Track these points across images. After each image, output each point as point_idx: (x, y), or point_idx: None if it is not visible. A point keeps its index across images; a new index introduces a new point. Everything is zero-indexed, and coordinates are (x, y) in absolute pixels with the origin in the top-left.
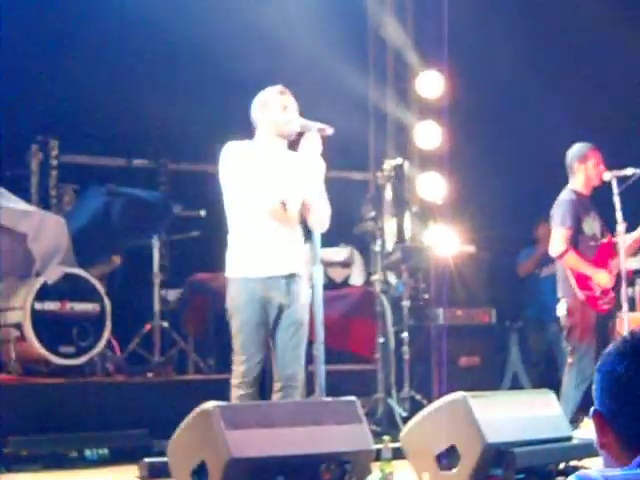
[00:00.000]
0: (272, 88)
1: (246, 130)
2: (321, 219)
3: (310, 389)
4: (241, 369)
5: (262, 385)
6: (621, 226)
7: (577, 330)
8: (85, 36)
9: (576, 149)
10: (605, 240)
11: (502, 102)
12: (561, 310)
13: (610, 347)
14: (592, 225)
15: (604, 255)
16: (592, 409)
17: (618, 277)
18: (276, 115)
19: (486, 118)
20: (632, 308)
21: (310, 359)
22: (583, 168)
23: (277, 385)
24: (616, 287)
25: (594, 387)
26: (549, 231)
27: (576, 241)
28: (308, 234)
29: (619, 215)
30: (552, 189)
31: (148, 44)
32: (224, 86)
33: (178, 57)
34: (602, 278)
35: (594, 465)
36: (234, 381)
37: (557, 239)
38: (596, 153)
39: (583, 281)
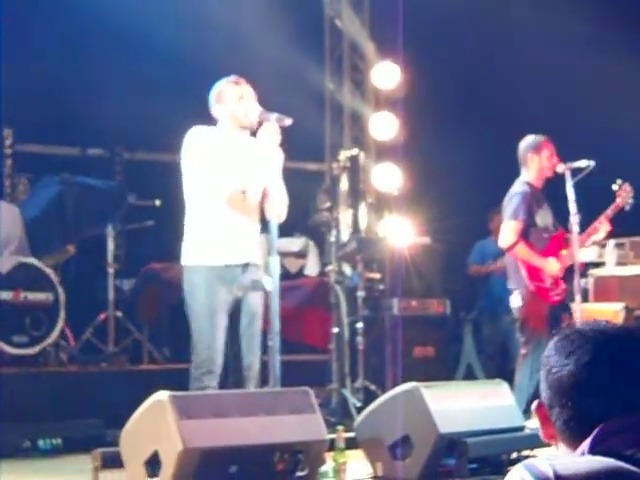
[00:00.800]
0: (226, 79)
1: (202, 120)
2: (279, 209)
3: (264, 379)
4: (198, 359)
5: (220, 375)
6: (575, 218)
7: (530, 321)
8: (40, 24)
9: (530, 140)
10: (556, 232)
11: (457, 93)
12: (514, 302)
13: (552, 342)
14: (544, 217)
15: (555, 247)
16: (536, 402)
17: (570, 269)
18: (233, 106)
19: (441, 109)
20: (585, 299)
21: (265, 349)
22: (537, 159)
23: (232, 375)
24: (568, 278)
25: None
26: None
27: (527, 233)
28: (265, 224)
29: (573, 207)
30: (507, 181)
31: (104, 33)
32: (180, 75)
33: (134, 46)
34: (552, 266)
35: (546, 455)
36: (194, 372)
37: (508, 231)
38: (550, 145)
39: (534, 272)
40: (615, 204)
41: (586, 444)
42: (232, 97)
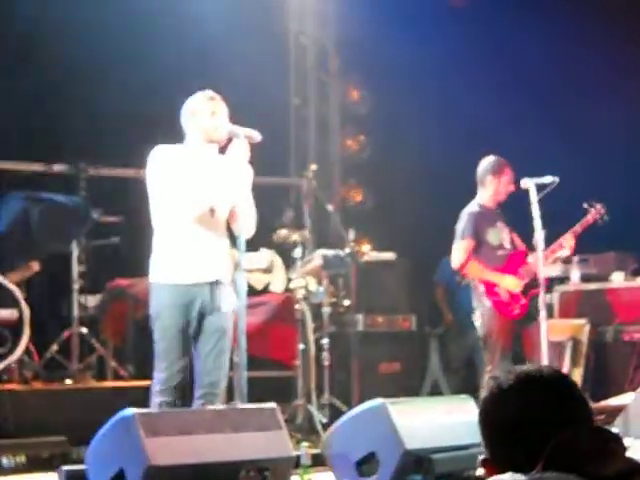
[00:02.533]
0: (202, 94)
1: (169, 134)
2: (248, 225)
3: (230, 395)
4: (162, 376)
5: (184, 392)
6: (540, 234)
7: (493, 337)
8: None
9: (492, 162)
10: (515, 250)
11: (424, 109)
12: (476, 319)
13: (486, 395)
14: (498, 235)
15: (513, 263)
16: (481, 459)
17: (533, 284)
18: (204, 121)
19: (408, 125)
20: (550, 315)
21: (230, 365)
22: (496, 182)
23: (198, 392)
24: (528, 293)
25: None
26: None
27: (479, 251)
28: (232, 240)
29: (537, 223)
30: (473, 196)
31: (67, 45)
32: (145, 90)
33: (99, 59)
34: (508, 282)
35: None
36: (155, 388)
37: (457, 251)
38: (510, 170)
39: (490, 288)
40: (585, 220)
41: (540, 465)
42: (205, 112)
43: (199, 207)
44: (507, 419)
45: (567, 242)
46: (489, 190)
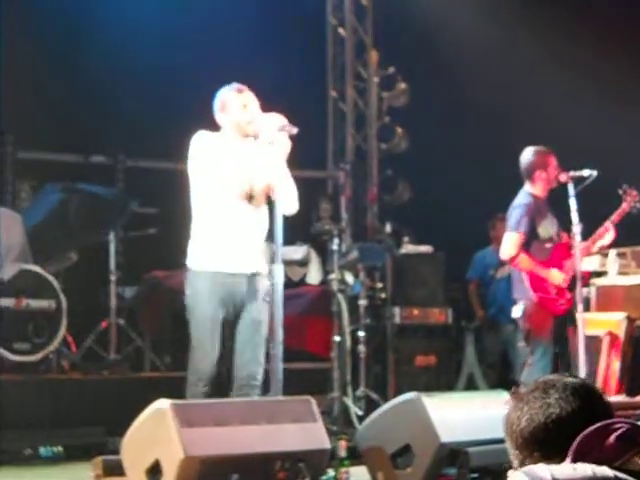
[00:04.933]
0: (229, 87)
1: (205, 127)
2: (289, 198)
3: (266, 387)
4: (198, 366)
5: (221, 383)
6: (577, 227)
7: (535, 331)
8: (42, 31)
9: (535, 156)
10: (560, 241)
11: (460, 100)
12: (517, 312)
13: (509, 404)
14: (548, 228)
15: (558, 256)
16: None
17: (574, 278)
18: (237, 115)
19: (446, 119)
20: (587, 308)
21: (267, 358)
22: (544, 175)
23: (236, 384)
24: (572, 288)
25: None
26: (504, 231)
27: (529, 244)
28: (270, 234)
29: (575, 216)
30: (509, 189)
31: (107, 40)
32: (183, 83)
33: (137, 54)
34: (555, 277)
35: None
36: (190, 378)
37: (509, 243)
38: (553, 157)
39: (538, 283)
40: (621, 209)
41: (569, 460)
42: (235, 106)
43: (238, 184)
44: (530, 422)
45: (607, 232)
46: (539, 182)
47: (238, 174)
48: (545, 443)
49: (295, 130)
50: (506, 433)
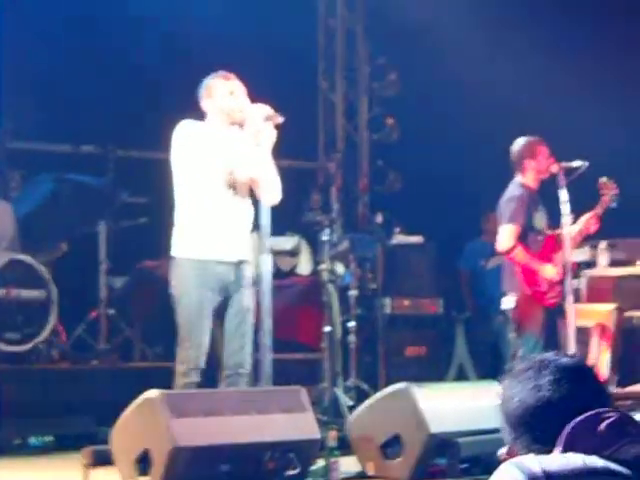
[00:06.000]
0: (216, 74)
1: (194, 117)
2: (272, 187)
3: (256, 377)
4: (186, 355)
5: (210, 373)
6: (567, 218)
7: (525, 323)
8: (32, 20)
9: (524, 145)
10: (549, 233)
11: (451, 90)
12: (507, 304)
13: (503, 382)
14: (540, 220)
15: (548, 249)
16: (504, 451)
17: (564, 270)
18: (223, 101)
19: (435, 108)
20: (577, 300)
21: (256, 347)
22: (534, 164)
23: (224, 373)
24: (563, 281)
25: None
26: (497, 223)
27: (524, 237)
28: (256, 223)
29: (565, 207)
30: (500, 180)
31: (97, 29)
32: (172, 72)
33: (126, 42)
34: (549, 271)
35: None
36: (179, 367)
37: (505, 235)
38: (544, 146)
39: (530, 276)
40: (602, 201)
41: (559, 449)
42: (221, 92)
43: (219, 175)
44: (521, 403)
45: (591, 224)
46: (530, 172)
47: (219, 162)
48: (535, 426)
49: (281, 119)
50: (500, 410)
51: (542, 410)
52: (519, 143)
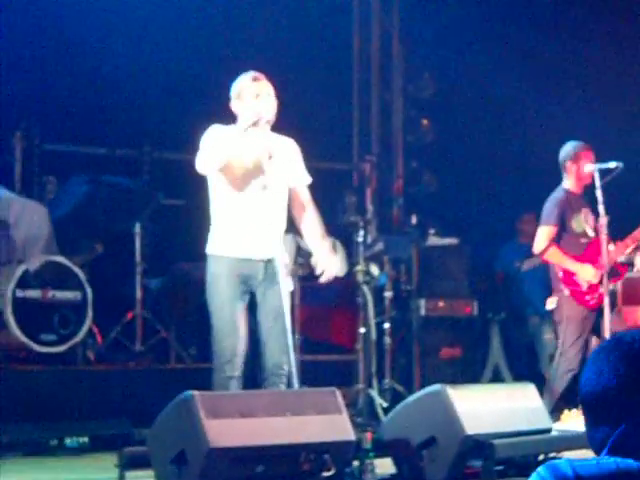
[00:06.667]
0: (245, 75)
1: (228, 119)
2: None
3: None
4: (219, 349)
5: (252, 375)
6: (603, 219)
7: (565, 324)
8: (69, 25)
9: (568, 149)
10: (593, 236)
11: (485, 95)
12: (550, 304)
13: (592, 356)
14: (581, 222)
15: (593, 252)
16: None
17: (614, 273)
18: (250, 103)
19: (470, 111)
20: (614, 302)
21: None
22: (575, 168)
23: (264, 374)
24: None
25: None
26: (533, 225)
27: (560, 238)
28: (291, 225)
29: (601, 208)
30: (536, 183)
31: (130, 33)
32: (207, 74)
33: (160, 46)
34: (586, 272)
35: (571, 456)
36: (215, 362)
37: (539, 236)
38: (588, 153)
39: (569, 276)
40: None
41: (606, 447)
42: (250, 94)
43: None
44: (584, 386)
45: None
46: (571, 177)
47: (239, 161)
48: (592, 411)
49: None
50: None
51: (599, 396)
52: (564, 148)
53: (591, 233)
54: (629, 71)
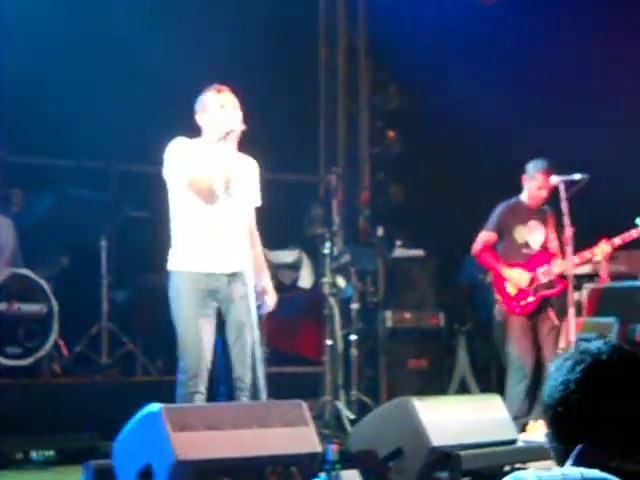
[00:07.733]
0: (209, 88)
1: (195, 131)
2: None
3: (255, 391)
4: (185, 365)
5: (214, 387)
6: (568, 231)
7: (504, 333)
8: (34, 37)
9: (531, 166)
10: (544, 251)
11: (453, 107)
12: (497, 314)
13: (555, 362)
14: (525, 234)
15: (534, 263)
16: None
17: (549, 286)
18: (213, 114)
19: (436, 124)
20: (579, 312)
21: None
22: (531, 185)
23: (224, 387)
24: (539, 293)
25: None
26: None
27: (500, 245)
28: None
29: (566, 220)
30: (502, 195)
31: (98, 45)
32: (173, 87)
33: (128, 59)
34: (514, 276)
35: (536, 467)
36: (180, 377)
37: (478, 239)
38: (544, 177)
39: (498, 281)
40: (628, 234)
41: (571, 457)
42: (214, 106)
43: (197, 173)
44: (548, 397)
45: (601, 251)
46: (527, 190)
47: (202, 175)
48: (555, 424)
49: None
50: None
51: (561, 411)
52: (530, 163)
53: (534, 246)
54: (596, 84)
